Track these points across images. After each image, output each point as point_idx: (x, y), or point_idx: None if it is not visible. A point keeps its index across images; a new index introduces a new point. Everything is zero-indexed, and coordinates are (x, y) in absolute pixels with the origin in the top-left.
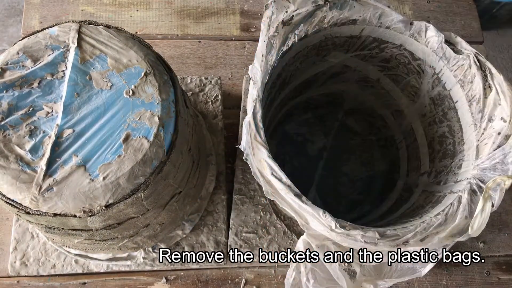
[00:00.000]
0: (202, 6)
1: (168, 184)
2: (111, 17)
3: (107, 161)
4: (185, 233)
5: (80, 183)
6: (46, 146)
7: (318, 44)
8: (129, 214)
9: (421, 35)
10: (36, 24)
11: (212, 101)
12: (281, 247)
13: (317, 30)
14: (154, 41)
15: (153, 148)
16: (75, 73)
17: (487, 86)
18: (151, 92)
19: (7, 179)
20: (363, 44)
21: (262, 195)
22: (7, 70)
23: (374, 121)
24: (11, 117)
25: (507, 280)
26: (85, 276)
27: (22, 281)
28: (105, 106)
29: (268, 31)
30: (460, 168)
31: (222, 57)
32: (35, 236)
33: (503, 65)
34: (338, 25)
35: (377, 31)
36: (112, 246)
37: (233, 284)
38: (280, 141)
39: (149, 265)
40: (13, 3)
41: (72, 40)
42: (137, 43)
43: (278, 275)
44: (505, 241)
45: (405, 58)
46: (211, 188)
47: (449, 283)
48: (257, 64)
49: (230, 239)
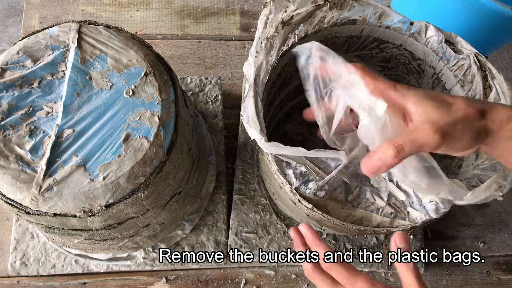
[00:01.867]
0: (202, 6)
1: (168, 184)
2: (111, 17)
3: (107, 161)
4: (185, 233)
5: (80, 183)
6: (46, 146)
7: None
8: (129, 214)
9: (421, 35)
10: (36, 24)
11: (212, 101)
12: (281, 247)
13: (317, 30)
14: (154, 41)
15: (153, 148)
16: (75, 73)
17: (487, 86)
18: (151, 92)
19: (7, 179)
20: (363, 44)
21: (262, 195)
22: (7, 70)
23: None
24: (11, 117)
25: (507, 280)
26: (85, 276)
27: (22, 281)
28: (105, 106)
29: (264, 29)
30: (460, 168)
31: (222, 57)
32: (35, 236)
33: (503, 65)
34: (338, 25)
35: (377, 31)
36: (112, 246)
37: (233, 284)
38: (280, 141)
39: (149, 265)
40: (13, 3)
41: (72, 40)
42: (137, 43)
43: (278, 275)
44: (505, 241)
45: (405, 58)
46: (211, 188)
47: (449, 283)
48: (250, 60)
49: (230, 239)
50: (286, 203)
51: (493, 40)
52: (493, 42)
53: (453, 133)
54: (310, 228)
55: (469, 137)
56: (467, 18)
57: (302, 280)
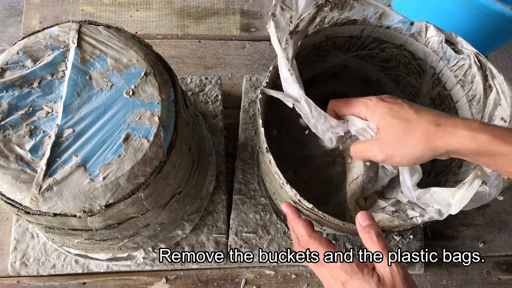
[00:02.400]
0: (202, 6)
1: (168, 184)
2: (111, 17)
3: (107, 161)
4: (185, 233)
5: (80, 183)
6: (46, 146)
7: (318, 44)
8: (129, 214)
9: (421, 35)
10: (36, 24)
11: (212, 101)
12: (281, 247)
13: (318, 30)
14: (154, 41)
15: (153, 148)
16: (75, 73)
17: (488, 86)
18: (151, 92)
19: (7, 179)
20: (364, 44)
21: (262, 195)
22: (7, 70)
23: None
24: (11, 117)
25: (507, 280)
26: (85, 276)
27: (22, 281)
28: (105, 106)
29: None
30: (460, 168)
31: (222, 57)
32: (35, 236)
33: (503, 65)
34: (339, 25)
35: (377, 31)
36: (112, 246)
37: (233, 284)
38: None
39: (149, 265)
40: (13, 3)
41: (72, 40)
42: (137, 43)
43: (278, 275)
44: (505, 241)
45: (406, 58)
46: (211, 188)
47: (449, 283)
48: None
49: (230, 239)
50: None
51: (493, 40)
52: (493, 42)
53: (399, 152)
54: (291, 206)
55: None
56: (467, 18)
57: (302, 280)
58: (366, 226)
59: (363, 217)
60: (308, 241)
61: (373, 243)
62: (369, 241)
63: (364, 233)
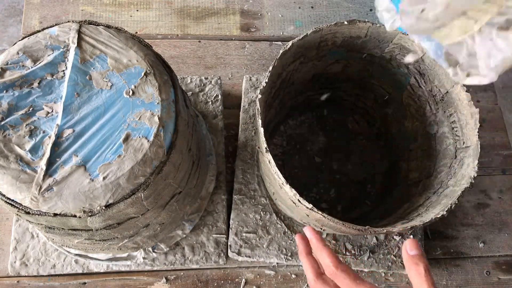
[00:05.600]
0: (202, 6)
1: (168, 184)
2: (111, 17)
3: (107, 161)
4: (185, 233)
5: (80, 183)
6: (46, 146)
7: (317, 44)
8: (129, 214)
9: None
10: (36, 24)
11: (212, 101)
12: (281, 247)
13: (317, 30)
14: (154, 41)
15: (153, 148)
16: (75, 73)
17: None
18: (151, 92)
19: (7, 179)
20: (364, 44)
21: (262, 195)
22: (7, 70)
23: (374, 121)
24: (11, 117)
25: (507, 280)
26: (85, 276)
27: (22, 281)
28: (105, 106)
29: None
30: (461, 168)
31: (222, 57)
32: (35, 236)
33: None
34: (338, 25)
35: (377, 31)
36: (112, 246)
37: (233, 284)
38: (280, 140)
39: (149, 265)
40: (13, 3)
41: (72, 40)
42: (137, 43)
43: (278, 275)
44: (505, 241)
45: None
46: (211, 188)
47: (449, 283)
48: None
49: (230, 239)
50: (286, 203)
51: None
52: None
53: None
54: (315, 231)
55: None
56: None
57: (302, 280)
58: (414, 256)
59: (411, 246)
60: (335, 272)
61: (420, 278)
62: (416, 275)
63: (411, 263)
